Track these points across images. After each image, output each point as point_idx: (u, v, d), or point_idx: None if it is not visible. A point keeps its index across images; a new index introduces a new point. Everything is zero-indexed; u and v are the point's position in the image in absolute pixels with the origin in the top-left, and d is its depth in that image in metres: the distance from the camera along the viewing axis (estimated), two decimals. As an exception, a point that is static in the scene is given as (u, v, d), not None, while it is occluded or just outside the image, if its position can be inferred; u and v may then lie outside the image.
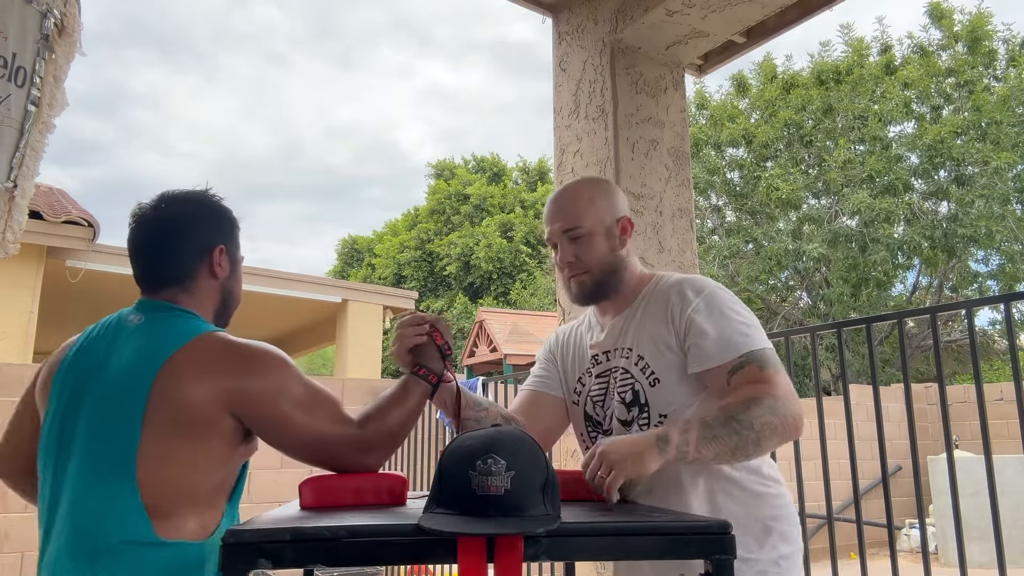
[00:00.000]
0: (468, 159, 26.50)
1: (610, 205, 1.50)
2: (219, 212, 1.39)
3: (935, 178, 12.20)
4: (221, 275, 1.36)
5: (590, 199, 1.49)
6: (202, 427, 1.17)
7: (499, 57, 68.04)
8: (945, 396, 2.19)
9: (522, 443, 1.06)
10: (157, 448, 1.14)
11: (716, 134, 13.76)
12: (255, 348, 1.24)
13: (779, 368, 1.32)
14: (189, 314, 1.30)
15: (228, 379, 1.18)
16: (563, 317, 2.72)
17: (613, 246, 1.49)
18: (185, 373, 1.17)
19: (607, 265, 1.48)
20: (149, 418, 1.14)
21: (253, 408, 1.20)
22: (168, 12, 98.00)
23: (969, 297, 12.56)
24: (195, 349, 1.20)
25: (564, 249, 1.49)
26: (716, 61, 3.06)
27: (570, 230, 1.47)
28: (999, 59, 13.08)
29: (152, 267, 1.34)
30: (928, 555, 2.17)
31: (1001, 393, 8.18)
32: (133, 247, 1.36)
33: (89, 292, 7.27)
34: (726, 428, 1.21)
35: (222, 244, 1.36)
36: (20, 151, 1.81)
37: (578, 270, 1.48)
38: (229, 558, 0.91)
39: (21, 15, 1.81)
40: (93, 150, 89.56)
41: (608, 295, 1.50)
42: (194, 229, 1.35)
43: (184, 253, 1.33)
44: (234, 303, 1.42)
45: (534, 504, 1.00)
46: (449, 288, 22.35)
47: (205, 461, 1.18)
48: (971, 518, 2.36)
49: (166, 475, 1.15)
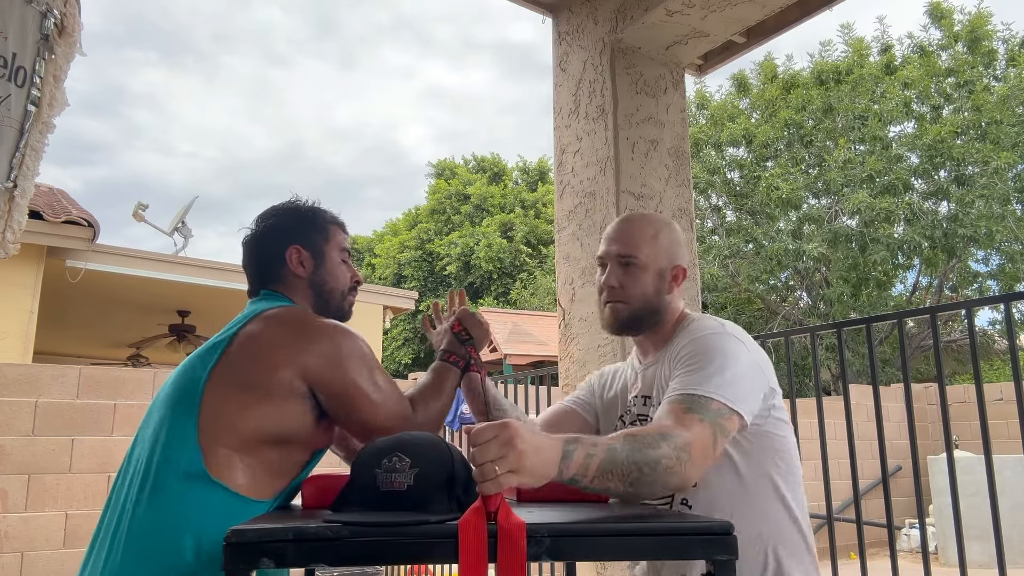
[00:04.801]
0: (468, 159, 26.49)
1: (672, 249, 1.49)
2: (295, 215, 1.51)
3: (935, 178, 12.20)
4: (304, 272, 1.46)
5: (655, 235, 1.48)
6: (266, 386, 1.25)
7: (500, 57, 68.07)
8: (945, 396, 2.19)
9: (429, 443, 1.10)
10: (217, 395, 1.24)
11: (716, 134, 13.76)
12: (327, 322, 1.35)
13: (709, 420, 1.21)
14: (283, 298, 1.44)
15: (297, 344, 1.28)
16: (563, 317, 2.72)
17: (660, 288, 1.46)
18: (259, 336, 1.29)
19: (648, 303, 1.46)
20: (217, 370, 1.26)
21: (321, 374, 1.28)
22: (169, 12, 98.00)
23: (969, 297, 12.56)
24: (271, 317, 1.33)
25: (612, 272, 1.47)
26: (716, 61, 3.06)
27: (624, 256, 1.46)
28: (999, 59, 13.07)
29: (250, 281, 1.50)
30: (928, 555, 2.17)
31: (1001, 393, 8.18)
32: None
33: (89, 292, 7.27)
34: (629, 459, 1.08)
35: (296, 244, 1.47)
36: (20, 151, 1.81)
37: (617, 297, 1.46)
38: (232, 557, 0.91)
39: (21, 15, 1.81)
40: (94, 150, 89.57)
41: (639, 331, 1.49)
42: (268, 238, 1.49)
43: (264, 262, 1.48)
44: (332, 293, 1.50)
45: (437, 500, 1.04)
46: (449, 288, 22.36)
47: (258, 415, 1.24)
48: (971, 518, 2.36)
49: (221, 419, 1.23)
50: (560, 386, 2.71)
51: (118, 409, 5.19)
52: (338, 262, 1.52)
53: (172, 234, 9.23)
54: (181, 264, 7.39)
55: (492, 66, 67.55)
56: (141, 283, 7.21)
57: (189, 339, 8.57)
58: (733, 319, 14.79)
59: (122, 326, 9.40)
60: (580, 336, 2.62)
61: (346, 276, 1.54)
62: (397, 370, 21.13)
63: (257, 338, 1.29)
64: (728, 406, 1.25)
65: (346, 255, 1.55)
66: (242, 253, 1.52)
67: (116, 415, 5.18)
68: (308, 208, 1.54)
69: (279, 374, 1.25)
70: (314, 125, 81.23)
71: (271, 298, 1.44)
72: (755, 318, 14.62)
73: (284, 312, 1.36)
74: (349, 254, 1.57)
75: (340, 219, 1.59)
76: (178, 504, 1.18)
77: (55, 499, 4.89)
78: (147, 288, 7.40)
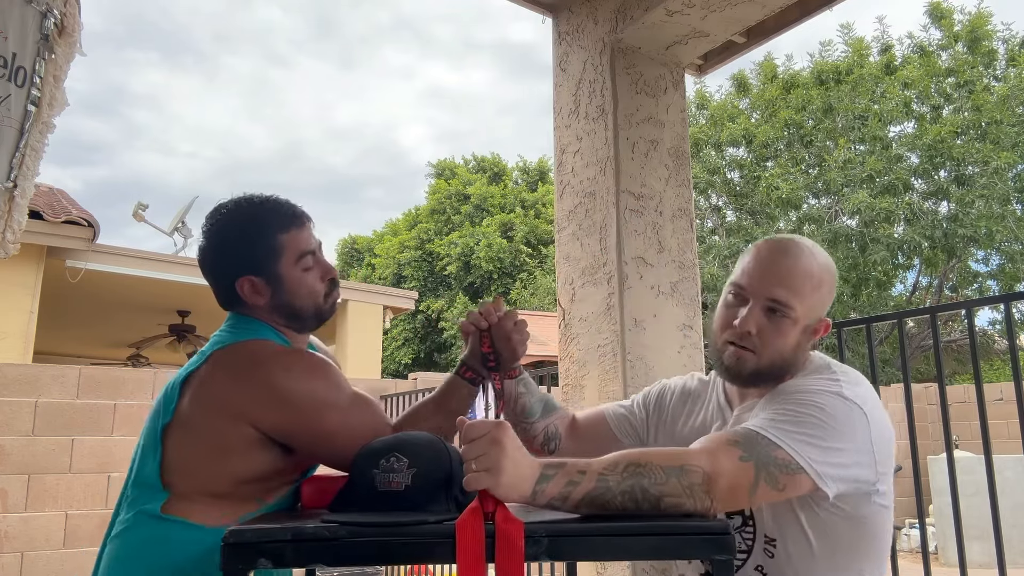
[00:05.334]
0: (468, 159, 26.48)
1: (827, 299, 1.27)
2: (237, 239, 1.32)
3: (935, 178, 12.20)
4: (263, 299, 1.32)
5: (818, 284, 1.24)
6: (224, 441, 1.20)
7: (500, 57, 68.06)
8: (945, 396, 2.19)
9: (426, 443, 1.10)
10: (178, 436, 1.21)
11: (716, 134, 13.75)
12: (277, 363, 1.23)
13: (754, 461, 1.06)
14: (249, 323, 1.33)
15: (244, 395, 1.21)
16: (563, 317, 2.72)
17: (800, 344, 1.24)
18: (208, 384, 1.22)
19: (782, 359, 1.23)
20: (174, 422, 1.22)
21: (277, 427, 1.21)
22: (170, 12, 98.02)
23: (969, 297, 12.56)
24: (219, 361, 1.24)
25: (753, 314, 1.22)
26: (716, 61, 3.06)
27: (779, 303, 1.21)
28: (999, 59, 13.07)
29: (215, 297, 1.38)
30: (928, 555, 2.17)
31: (1001, 393, 8.18)
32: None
33: (89, 292, 7.26)
34: (622, 489, 0.98)
35: (244, 276, 1.31)
36: (20, 151, 1.81)
37: (748, 344, 1.23)
38: (229, 557, 0.91)
39: (21, 15, 1.81)
40: (94, 150, 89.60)
41: (756, 386, 1.27)
42: (213, 270, 1.35)
43: (219, 291, 1.36)
44: (302, 309, 1.34)
45: (435, 500, 1.04)
46: (449, 288, 22.34)
47: (226, 466, 1.21)
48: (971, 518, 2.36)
49: (181, 460, 1.21)
50: (560, 386, 2.71)
51: (118, 409, 5.19)
52: (299, 276, 1.32)
53: (172, 234, 9.22)
54: (181, 264, 7.39)
55: (492, 66, 67.55)
56: (141, 283, 7.21)
57: (189, 339, 8.56)
58: (733, 319, 14.92)
59: (122, 326, 9.39)
60: (580, 336, 2.62)
61: (314, 283, 1.34)
62: (397, 370, 21.13)
63: (207, 387, 1.21)
64: (797, 461, 1.07)
65: (309, 258, 1.34)
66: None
67: (116, 415, 5.18)
68: (249, 223, 1.32)
69: (234, 429, 1.19)
70: (314, 125, 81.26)
71: (237, 325, 1.32)
72: (755, 318, 14.59)
73: (232, 354, 1.24)
74: (315, 252, 1.36)
75: (294, 212, 1.35)
76: (137, 543, 1.20)
77: (55, 499, 4.89)
78: (147, 288, 7.40)
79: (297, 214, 1.35)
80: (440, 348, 21.84)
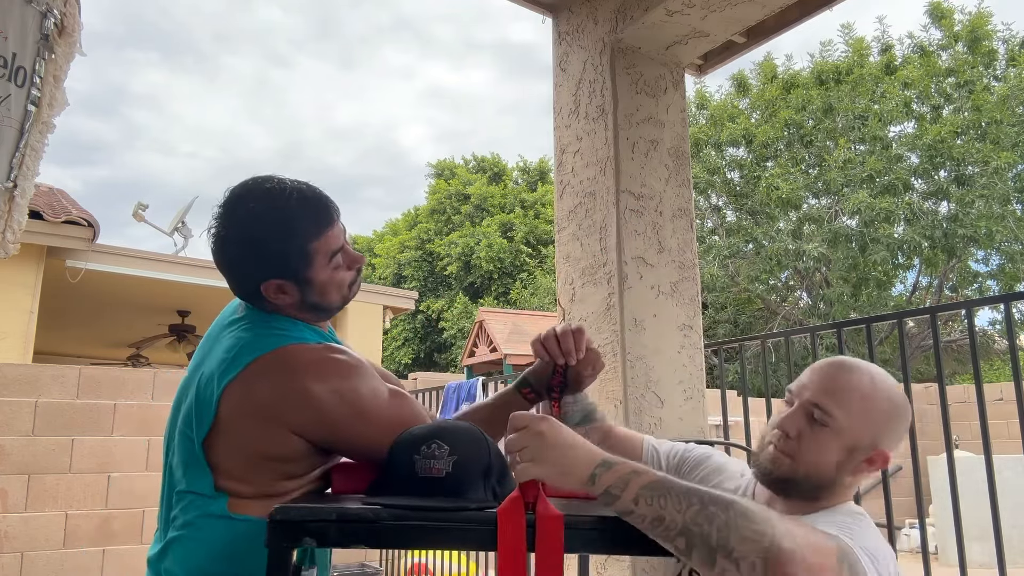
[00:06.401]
0: (468, 159, 26.47)
1: (882, 427, 1.18)
2: (264, 240, 1.23)
3: (935, 178, 12.20)
4: (290, 299, 1.27)
5: (872, 405, 1.17)
6: (265, 439, 1.19)
7: (500, 57, 68.04)
8: (945, 396, 2.19)
9: (466, 431, 1.11)
10: (226, 447, 1.19)
11: (716, 134, 13.76)
12: (314, 373, 1.19)
13: (836, 544, 0.95)
14: (273, 321, 1.27)
15: (285, 405, 1.18)
16: (563, 317, 2.72)
17: (841, 465, 1.16)
18: (249, 392, 1.18)
19: (818, 474, 1.16)
20: (219, 420, 1.19)
21: (317, 436, 1.20)
22: (170, 12, 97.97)
23: (969, 297, 12.56)
24: (258, 370, 1.19)
25: (794, 416, 1.18)
26: (716, 61, 3.06)
27: (819, 408, 1.16)
28: (999, 59, 13.07)
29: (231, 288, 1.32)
30: (928, 555, 2.17)
31: (1001, 393, 8.18)
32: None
33: (89, 292, 7.26)
34: (687, 493, 0.92)
35: (271, 280, 1.24)
36: (20, 151, 1.81)
37: (788, 449, 1.17)
38: (275, 534, 0.94)
39: (21, 15, 1.81)
40: (95, 150, 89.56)
41: (786, 495, 1.19)
42: (234, 271, 1.28)
43: (238, 290, 1.31)
44: (328, 307, 1.32)
45: (474, 487, 1.05)
46: (449, 288, 22.34)
47: (272, 462, 1.20)
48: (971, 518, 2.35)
49: (236, 470, 1.19)
50: (560, 386, 2.70)
51: (118, 409, 5.19)
52: (330, 275, 1.28)
53: (172, 234, 9.22)
54: (181, 264, 7.39)
55: (492, 66, 67.53)
56: (141, 283, 7.20)
57: (189, 339, 8.56)
58: (733, 319, 14.83)
59: (122, 326, 9.40)
60: (580, 336, 2.62)
61: (343, 280, 1.31)
62: (397, 370, 21.13)
63: (250, 399, 1.18)
64: (849, 550, 0.96)
65: (340, 256, 1.29)
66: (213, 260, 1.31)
67: (116, 415, 5.18)
68: (280, 225, 1.23)
69: (284, 440, 1.18)
70: (314, 125, 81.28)
71: (263, 324, 1.27)
72: (755, 318, 14.62)
73: (269, 364, 1.19)
74: (343, 247, 1.31)
75: (326, 209, 1.28)
76: (213, 539, 1.19)
77: (55, 499, 4.89)
78: (147, 288, 7.40)
79: (328, 211, 1.28)
80: (440, 348, 21.84)
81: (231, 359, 1.20)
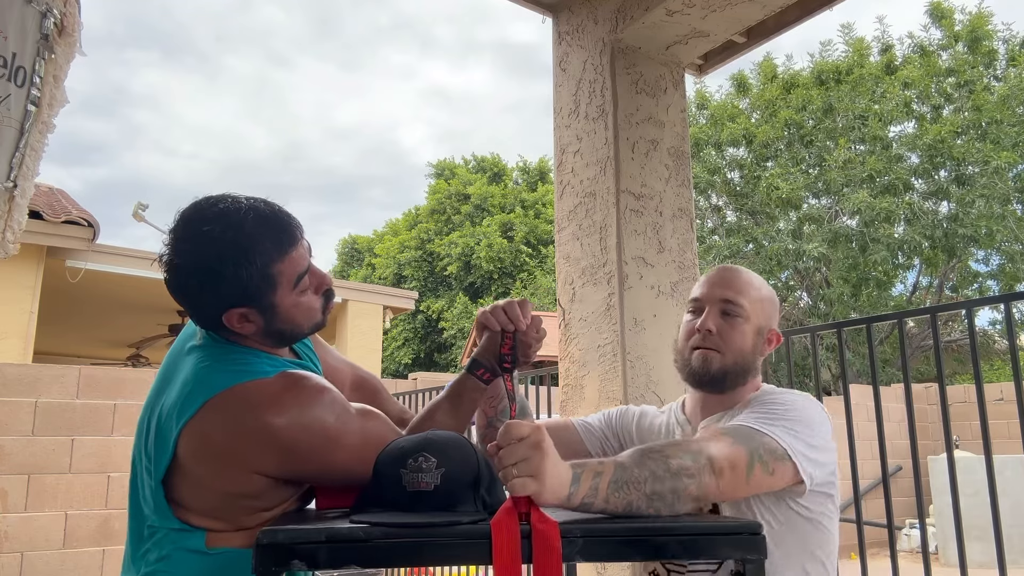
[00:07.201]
0: (468, 159, 26.47)
1: (772, 311, 1.41)
2: (222, 267, 1.13)
3: (935, 178, 12.20)
4: (254, 327, 1.19)
5: (759, 292, 1.40)
6: (227, 480, 1.15)
7: (500, 57, 68.07)
8: (945, 396, 2.19)
9: (454, 442, 1.08)
10: (191, 489, 1.16)
11: (716, 134, 13.75)
12: (273, 409, 1.12)
13: (748, 448, 1.13)
14: (232, 353, 1.20)
15: (244, 446, 1.12)
16: (563, 317, 2.72)
17: (756, 346, 1.38)
18: (206, 435, 1.13)
19: (743, 359, 1.36)
20: (180, 460, 1.15)
21: (280, 472, 1.15)
22: (170, 13, 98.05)
23: (969, 297, 12.56)
24: (214, 409, 1.13)
25: (711, 317, 1.36)
26: (716, 61, 3.06)
27: (729, 302, 1.36)
28: (999, 59, 13.07)
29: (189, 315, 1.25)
30: (928, 555, 2.16)
31: (1001, 393, 8.18)
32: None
33: (89, 292, 7.26)
34: (640, 468, 1.02)
35: (234, 309, 1.17)
36: (20, 151, 1.81)
37: (712, 345, 1.35)
38: (262, 559, 0.90)
39: (21, 15, 1.81)
40: (95, 150, 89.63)
41: (722, 389, 1.37)
42: (194, 301, 1.19)
43: (199, 320, 1.23)
44: (295, 332, 1.25)
45: (464, 500, 1.02)
46: (449, 288, 22.34)
47: (238, 500, 1.16)
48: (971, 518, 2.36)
49: (204, 508, 1.16)
50: (560, 386, 2.71)
51: (118, 409, 5.19)
52: (295, 300, 1.20)
53: (172, 234, 9.21)
54: (181, 264, 7.37)
55: (493, 66, 67.55)
56: (141, 283, 7.20)
57: (189, 339, 8.55)
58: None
59: (122, 326, 9.40)
60: (580, 336, 2.62)
61: (311, 302, 1.23)
62: (397, 370, 21.13)
63: (207, 443, 1.12)
64: (784, 448, 1.16)
65: (306, 278, 1.21)
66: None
67: (116, 415, 5.18)
68: (237, 250, 1.13)
69: (247, 479, 1.13)
70: (315, 125, 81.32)
71: (221, 357, 1.19)
72: (755, 318, 14.59)
73: (225, 403, 1.12)
74: (309, 268, 1.22)
75: (287, 228, 1.19)
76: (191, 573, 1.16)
77: (55, 499, 4.89)
78: (147, 288, 7.40)
79: (290, 230, 1.19)
80: (440, 348, 21.84)
81: (186, 397, 1.15)
